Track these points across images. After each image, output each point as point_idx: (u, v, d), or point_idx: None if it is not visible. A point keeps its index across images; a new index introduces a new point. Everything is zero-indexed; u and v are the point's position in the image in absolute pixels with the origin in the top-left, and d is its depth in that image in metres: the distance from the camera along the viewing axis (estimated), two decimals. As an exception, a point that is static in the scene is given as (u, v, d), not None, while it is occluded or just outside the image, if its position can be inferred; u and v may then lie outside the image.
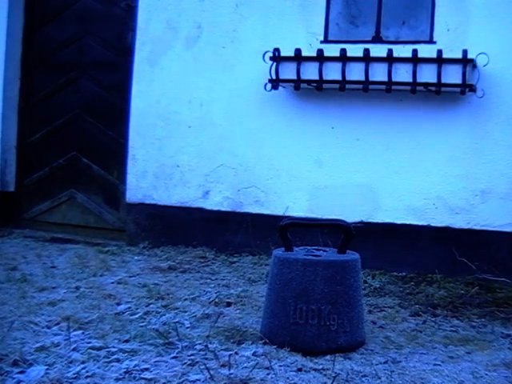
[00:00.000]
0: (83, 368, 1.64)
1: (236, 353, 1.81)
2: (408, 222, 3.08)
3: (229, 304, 2.39)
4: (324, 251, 2.02)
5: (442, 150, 3.05)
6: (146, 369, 1.67)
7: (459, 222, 3.00)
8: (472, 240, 2.97)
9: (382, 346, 1.97)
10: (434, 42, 3.02)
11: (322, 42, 3.19)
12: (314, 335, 1.85)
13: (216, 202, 3.40)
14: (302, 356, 1.81)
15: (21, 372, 1.60)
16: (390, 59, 2.98)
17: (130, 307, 2.28)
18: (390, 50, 2.99)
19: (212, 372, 1.64)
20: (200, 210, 3.42)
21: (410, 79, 2.96)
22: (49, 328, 1.98)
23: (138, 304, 2.32)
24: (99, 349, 1.79)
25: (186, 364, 1.71)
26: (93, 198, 3.92)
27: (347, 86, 3.06)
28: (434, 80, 2.93)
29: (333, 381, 1.63)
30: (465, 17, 2.97)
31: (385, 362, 1.81)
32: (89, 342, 1.84)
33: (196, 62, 3.46)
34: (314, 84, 3.13)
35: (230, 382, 1.60)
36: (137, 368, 1.66)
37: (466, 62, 2.89)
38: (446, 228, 3.03)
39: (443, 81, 2.92)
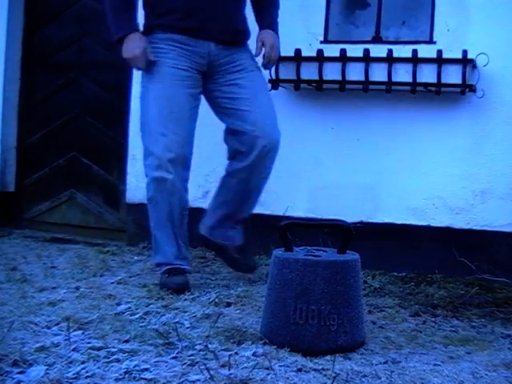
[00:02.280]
0: (83, 368, 1.64)
1: (236, 353, 1.81)
2: (408, 222, 3.08)
3: (229, 304, 2.39)
4: (324, 251, 2.02)
5: (441, 150, 3.05)
6: (146, 369, 1.67)
7: (459, 222, 3.00)
8: (472, 240, 2.97)
9: (382, 346, 1.97)
10: (434, 42, 3.02)
11: (321, 42, 3.19)
12: (314, 335, 1.85)
13: (216, 202, 3.39)
14: (301, 356, 1.81)
15: (21, 372, 1.60)
16: (390, 59, 2.99)
17: (129, 307, 2.28)
18: (390, 50, 2.99)
19: (212, 372, 1.64)
20: (200, 210, 3.41)
21: (409, 79, 2.96)
22: (49, 328, 1.98)
23: (137, 304, 2.32)
24: (99, 349, 1.79)
25: (185, 364, 1.71)
26: (93, 199, 3.92)
27: (347, 86, 3.06)
28: (433, 80, 2.93)
29: (333, 381, 1.63)
30: (465, 17, 2.97)
31: (385, 362, 1.81)
32: (89, 342, 1.84)
33: (196, 62, 3.45)
34: (314, 84, 3.13)
35: (230, 382, 1.60)
36: (137, 368, 1.66)
37: (465, 62, 2.90)
38: (446, 228, 3.03)
39: (443, 81, 2.92)
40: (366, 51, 3.02)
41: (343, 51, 3.05)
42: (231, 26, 2.66)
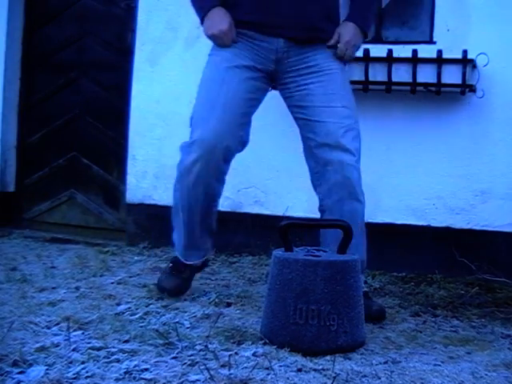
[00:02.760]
0: (83, 368, 1.64)
1: (236, 353, 1.81)
2: (408, 222, 3.08)
3: (229, 304, 2.39)
4: (324, 251, 2.02)
5: (442, 150, 3.05)
6: (146, 369, 1.67)
7: (459, 223, 3.00)
8: (472, 240, 2.97)
9: (382, 347, 1.97)
10: (434, 43, 3.02)
11: (322, 42, 3.18)
12: (314, 335, 1.85)
13: (216, 202, 3.39)
14: (301, 356, 1.81)
15: (21, 372, 1.60)
16: (390, 59, 2.99)
17: (129, 307, 2.28)
18: (390, 50, 2.99)
19: (212, 372, 1.64)
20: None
21: (409, 79, 2.96)
22: (49, 328, 1.98)
23: (137, 304, 2.32)
24: (99, 349, 1.79)
25: (185, 364, 1.71)
26: (93, 199, 3.92)
27: (347, 86, 3.06)
28: (433, 80, 2.93)
29: (333, 381, 1.63)
30: (465, 17, 2.97)
31: (385, 363, 1.81)
32: (89, 343, 1.84)
33: (196, 62, 3.44)
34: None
35: (230, 382, 1.60)
36: (137, 368, 1.66)
37: (465, 62, 2.90)
38: (446, 228, 3.03)
39: (443, 81, 2.92)
40: (366, 51, 3.01)
41: (343, 51, 3.04)
42: (306, 22, 2.30)
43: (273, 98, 3.14)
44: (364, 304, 2.03)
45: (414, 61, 2.95)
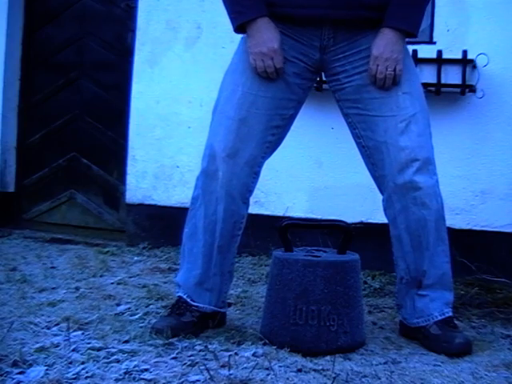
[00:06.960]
0: (83, 369, 1.64)
1: (236, 353, 1.81)
2: (408, 223, 3.07)
3: (229, 304, 2.39)
4: (324, 252, 2.02)
5: (441, 151, 3.02)
6: (146, 369, 1.67)
7: (459, 223, 3.00)
8: (472, 240, 2.97)
9: (382, 347, 1.97)
10: (434, 43, 3.02)
11: (321, 43, 3.18)
12: (314, 336, 1.85)
13: (216, 202, 3.39)
14: (301, 357, 1.81)
15: (20, 372, 1.60)
16: (390, 59, 2.98)
17: (129, 308, 2.28)
18: (390, 51, 2.99)
19: (212, 373, 1.64)
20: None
21: (409, 79, 2.96)
22: (48, 329, 1.98)
23: (137, 304, 2.32)
24: (99, 349, 1.79)
25: (185, 364, 1.71)
26: (92, 199, 3.92)
27: (347, 86, 3.06)
28: (433, 80, 2.93)
29: (333, 381, 1.63)
30: (465, 17, 2.97)
31: (385, 363, 1.81)
32: (88, 343, 1.84)
33: (196, 63, 3.46)
34: (315, 84, 3.12)
35: (230, 382, 1.60)
36: (136, 369, 1.66)
37: (465, 62, 2.90)
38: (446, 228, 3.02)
39: (443, 81, 2.92)
40: (366, 51, 3.01)
41: (343, 51, 3.04)
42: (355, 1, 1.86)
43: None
44: (442, 334, 1.93)
45: (414, 61, 2.95)
